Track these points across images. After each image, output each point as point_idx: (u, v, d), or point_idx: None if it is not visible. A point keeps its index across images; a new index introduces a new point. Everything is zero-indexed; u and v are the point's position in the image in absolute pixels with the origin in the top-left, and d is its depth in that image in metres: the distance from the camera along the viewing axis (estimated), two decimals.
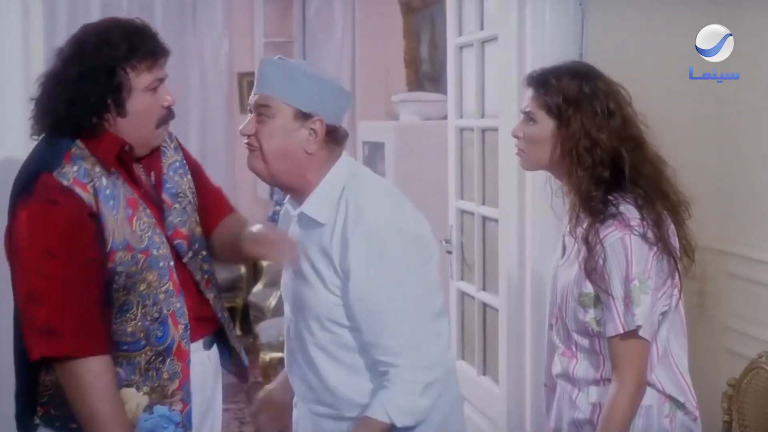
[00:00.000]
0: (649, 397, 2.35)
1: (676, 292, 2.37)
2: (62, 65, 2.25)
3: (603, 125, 2.36)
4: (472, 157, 4.01)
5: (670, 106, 2.74)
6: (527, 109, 2.45)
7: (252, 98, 2.30)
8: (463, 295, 4.18)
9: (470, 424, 4.10)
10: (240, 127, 2.30)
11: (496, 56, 3.70)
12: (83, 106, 2.21)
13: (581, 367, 2.42)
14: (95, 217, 2.18)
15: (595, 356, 2.40)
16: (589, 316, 2.36)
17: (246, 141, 2.29)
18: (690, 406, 2.41)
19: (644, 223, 2.30)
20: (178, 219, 2.39)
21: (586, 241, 2.32)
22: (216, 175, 8.67)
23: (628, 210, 2.32)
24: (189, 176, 2.50)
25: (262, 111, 2.27)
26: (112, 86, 2.21)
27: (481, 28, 3.88)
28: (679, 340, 2.43)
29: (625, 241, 2.28)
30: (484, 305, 3.94)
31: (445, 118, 4.45)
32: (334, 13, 7.55)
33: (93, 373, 2.16)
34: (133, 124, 2.26)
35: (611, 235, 2.29)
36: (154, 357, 2.31)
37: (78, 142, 2.23)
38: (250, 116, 2.29)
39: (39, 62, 3.22)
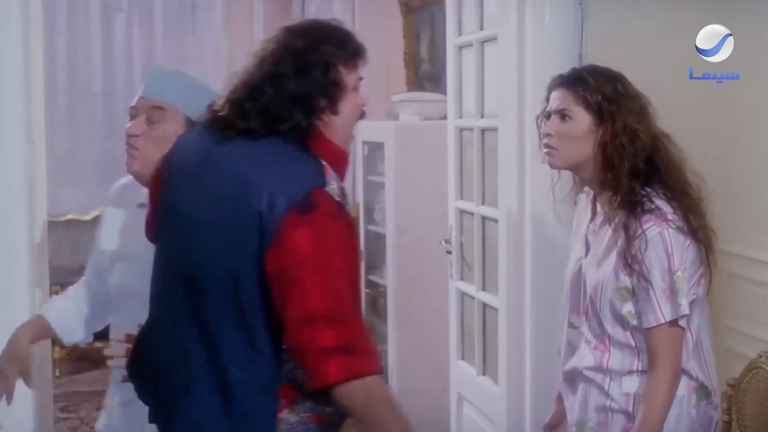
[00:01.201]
0: (682, 386, 2.43)
1: (704, 281, 2.46)
2: (273, 66, 2.10)
3: (641, 121, 2.47)
4: (471, 157, 4.00)
5: (670, 106, 2.74)
6: (562, 107, 2.50)
7: (139, 101, 2.52)
8: (462, 295, 4.18)
9: (470, 424, 4.11)
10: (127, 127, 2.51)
11: (495, 56, 3.70)
12: (304, 104, 2.09)
13: (615, 360, 2.48)
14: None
15: (629, 349, 2.46)
16: (626, 309, 2.42)
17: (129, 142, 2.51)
18: (713, 393, 2.50)
19: (678, 215, 2.39)
20: None
21: (625, 230, 2.37)
22: None
23: (663, 204, 2.40)
24: None
25: (154, 114, 2.50)
26: (329, 83, 2.11)
27: (481, 28, 3.88)
28: (706, 327, 2.51)
29: (664, 235, 2.36)
30: (484, 305, 3.94)
31: (444, 118, 4.45)
32: (334, 13, 7.54)
33: (385, 387, 2.06)
34: (341, 125, 2.16)
35: (650, 229, 2.37)
36: None
37: (321, 160, 2.09)
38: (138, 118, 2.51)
39: (39, 61, 3.22)
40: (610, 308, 2.45)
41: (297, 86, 2.08)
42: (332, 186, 2.06)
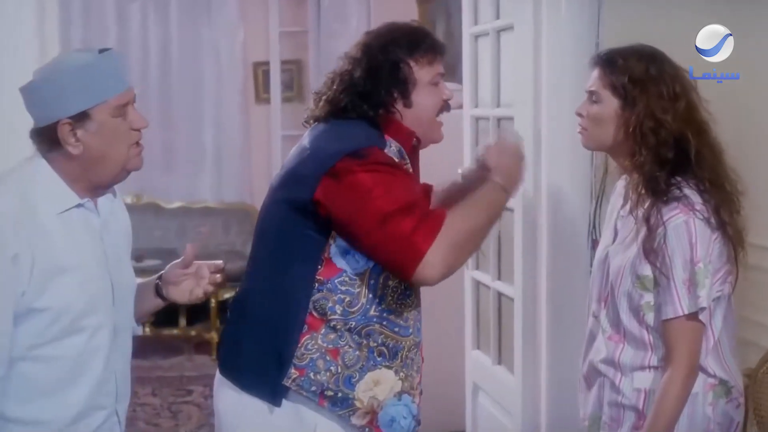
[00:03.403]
0: (697, 384, 2.38)
1: (731, 279, 2.41)
2: (351, 65, 2.45)
3: (668, 107, 2.40)
4: None
5: None
6: (592, 88, 2.48)
7: (129, 91, 2.26)
8: (478, 284, 4.18)
9: (485, 413, 4.11)
10: None
11: (511, 45, 3.69)
12: (372, 98, 2.41)
13: (627, 354, 2.44)
14: None
15: (642, 344, 2.42)
16: (644, 300, 2.39)
17: None
18: (736, 392, 2.44)
19: (707, 207, 2.34)
20: None
21: (647, 221, 2.34)
22: (231, 165, 8.67)
23: (692, 194, 2.35)
24: None
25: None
26: (397, 79, 2.42)
27: (497, 17, 3.87)
28: (729, 327, 2.45)
29: (690, 224, 2.31)
30: (500, 294, 3.94)
31: (460, 107, 4.44)
32: (349, 2, 7.54)
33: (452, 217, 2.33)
34: (418, 116, 2.46)
35: (676, 217, 2.32)
36: (413, 347, 2.49)
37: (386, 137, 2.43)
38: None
39: (54, 52, 3.23)
40: (627, 298, 2.42)
41: (365, 83, 2.41)
42: (391, 149, 2.41)
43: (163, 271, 2.51)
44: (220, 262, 2.52)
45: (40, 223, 2.18)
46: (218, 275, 2.49)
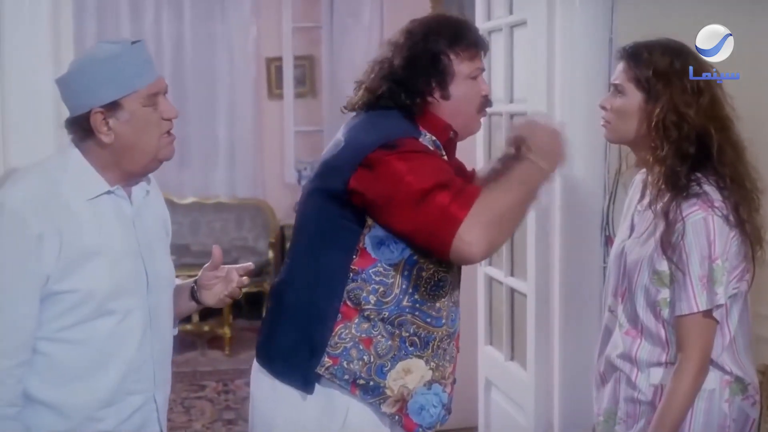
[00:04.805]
0: (713, 380, 2.38)
1: (748, 277, 2.40)
2: (391, 52, 2.45)
3: (691, 102, 2.40)
4: (500, 142, 3.99)
5: None
6: (616, 81, 2.48)
7: (160, 79, 2.36)
8: (491, 280, 4.18)
9: (498, 409, 4.11)
10: None
11: (525, 41, 3.68)
12: (410, 87, 2.42)
13: (644, 350, 2.44)
14: None
15: (659, 340, 2.42)
16: (661, 296, 2.39)
17: None
18: (752, 389, 2.44)
19: (726, 204, 2.33)
20: None
21: (665, 215, 2.34)
22: (244, 160, 8.67)
23: (712, 190, 2.34)
24: None
25: None
26: (436, 70, 2.43)
27: (510, 13, 3.86)
28: (745, 325, 2.45)
29: (708, 221, 2.31)
30: (512, 290, 3.94)
31: None
32: None
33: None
34: (455, 108, 2.46)
35: (694, 213, 2.31)
36: (445, 337, 2.49)
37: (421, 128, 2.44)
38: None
39: (69, 46, 3.23)
40: (644, 293, 2.42)
41: (402, 72, 2.42)
42: (426, 138, 2.42)
43: (197, 276, 2.55)
44: (250, 264, 2.56)
45: (68, 207, 2.21)
46: (245, 278, 2.52)
